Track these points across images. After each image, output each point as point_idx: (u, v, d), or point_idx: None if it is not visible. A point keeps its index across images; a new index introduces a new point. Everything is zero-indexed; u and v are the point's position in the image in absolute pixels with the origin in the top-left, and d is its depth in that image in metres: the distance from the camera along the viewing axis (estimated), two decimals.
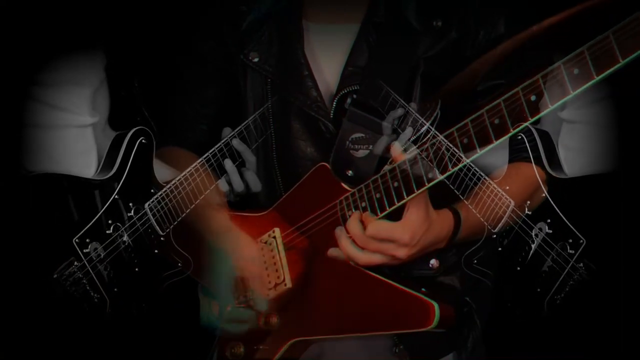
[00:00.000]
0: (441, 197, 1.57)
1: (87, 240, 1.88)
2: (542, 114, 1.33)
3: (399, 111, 1.59)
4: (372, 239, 1.52)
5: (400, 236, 1.51)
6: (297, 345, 1.68)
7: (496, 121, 1.38)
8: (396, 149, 1.51)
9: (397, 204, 1.52)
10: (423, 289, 1.55)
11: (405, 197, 1.51)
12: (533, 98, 1.33)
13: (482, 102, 1.42)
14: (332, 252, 1.60)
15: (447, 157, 1.43)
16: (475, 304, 1.71)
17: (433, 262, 1.67)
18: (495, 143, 1.39)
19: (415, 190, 1.49)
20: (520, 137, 1.65)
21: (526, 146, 1.67)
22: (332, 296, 1.62)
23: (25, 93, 1.87)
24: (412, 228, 1.51)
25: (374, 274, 1.58)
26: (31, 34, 1.83)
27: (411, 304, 1.53)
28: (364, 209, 1.57)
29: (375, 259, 1.54)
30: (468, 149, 1.42)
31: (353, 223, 1.55)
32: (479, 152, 1.41)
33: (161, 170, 1.87)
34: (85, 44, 1.89)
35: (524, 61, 1.62)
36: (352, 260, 1.57)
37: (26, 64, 1.84)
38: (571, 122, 1.71)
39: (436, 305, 1.50)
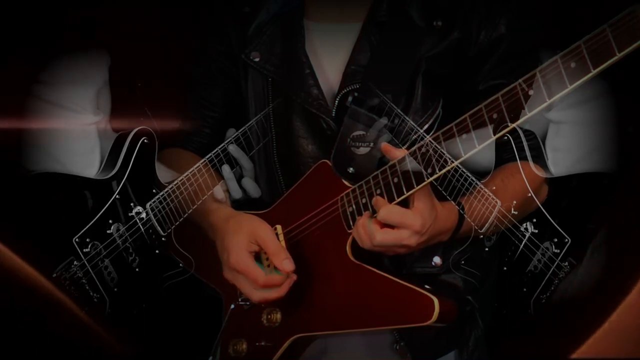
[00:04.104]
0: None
1: (88, 239, 1.88)
2: (540, 107, 1.35)
3: (382, 121, 1.60)
4: (383, 222, 1.50)
5: (412, 222, 1.50)
6: (299, 341, 1.68)
7: (495, 116, 1.39)
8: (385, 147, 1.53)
9: (397, 200, 1.53)
10: (426, 286, 1.55)
11: (405, 192, 1.51)
12: (531, 92, 1.34)
13: (484, 101, 1.43)
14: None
15: (445, 156, 1.44)
16: (477, 303, 1.71)
17: (436, 260, 1.67)
18: (494, 137, 1.40)
19: (415, 186, 1.50)
20: (506, 138, 1.60)
21: (512, 147, 1.66)
22: (333, 292, 1.63)
23: (28, 91, 1.88)
24: (423, 216, 1.51)
25: (375, 270, 1.58)
26: (35, 32, 1.84)
27: (411, 299, 1.53)
28: (365, 205, 1.58)
29: (390, 237, 1.51)
30: (467, 144, 1.43)
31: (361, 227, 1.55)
32: (478, 147, 1.43)
33: (163, 173, 1.88)
34: (90, 43, 1.91)
35: (526, 61, 1.64)
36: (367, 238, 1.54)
37: (30, 63, 1.86)
38: (558, 122, 1.72)
39: (436, 300, 1.50)
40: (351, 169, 1.64)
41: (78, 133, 1.95)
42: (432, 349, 1.69)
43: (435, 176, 1.47)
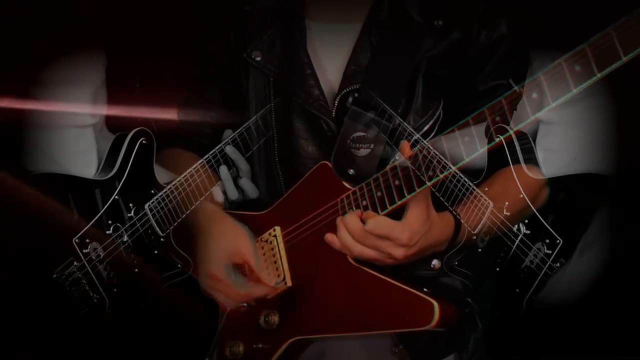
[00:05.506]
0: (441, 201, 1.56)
1: (87, 240, 1.88)
2: (543, 110, 1.34)
3: (382, 122, 1.59)
4: (370, 234, 1.52)
5: (398, 235, 1.50)
6: (297, 344, 1.67)
7: (497, 119, 1.39)
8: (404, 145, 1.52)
9: (399, 203, 1.52)
10: (425, 289, 1.54)
11: (407, 195, 1.50)
12: (534, 95, 1.33)
13: (484, 102, 1.42)
14: (328, 236, 1.60)
15: (443, 160, 1.44)
16: (476, 305, 1.70)
17: (435, 262, 1.66)
18: (497, 140, 1.39)
19: (417, 189, 1.49)
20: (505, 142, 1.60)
21: (514, 150, 1.66)
22: (332, 295, 1.62)
23: (26, 93, 1.87)
24: (412, 228, 1.51)
25: (375, 273, 1.57)
26: (32, 33, 1.84)
27: (411, 303, 1.52)
28: (365, 208, 1.56)
29: (369, 253, 1.54)
30: (469, 147, 1.42)
31: (352, 218, 1.55)
32: (480, 151, 1.42)
33: (162, 174, 1.88)
34: (87, 43, 1.90)
35: (527, 61, 1.63)
36: (345, 249, 1.56)
37: (27, 64, 1.85)
38: (549, 123, 1.72)
39: (436, 304, 1.49)
40: (351, 170, 1.63)
41: (75, 134, 1.95)
42: (432, 352, 1.68)
43: (437, 179, 1.46)
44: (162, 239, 1.85)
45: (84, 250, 1.87)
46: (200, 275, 1.68)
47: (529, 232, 1.71)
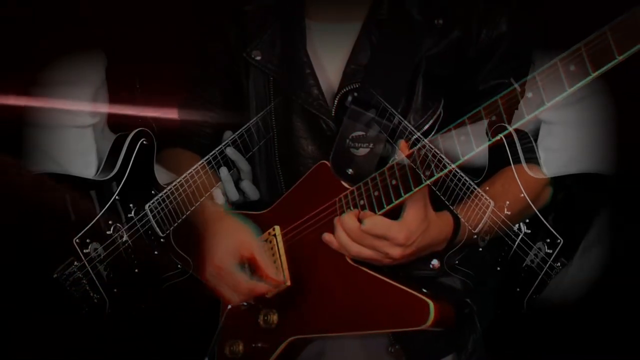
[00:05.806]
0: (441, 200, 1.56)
1: (87, 240, 1.88)
2: (538, 110, 1.34)
3: (382, 121, 1.59)
4: (367, 233, 1.52)
5: (395, 235, 1.50)
6: (296, 343, 1.67)
7: (493, 118, 1.38)
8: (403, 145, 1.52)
9: (396, 202, 1.52)
10: (424, 290, 1.54)
11: (403, 195, 1.50)
12: (530, 95, 1.33)
13: (485, 102, 1.42)
14: (325, 236, 1.60)
15: (443, 160, 1.43)
16: (476, 306, 1.70)
17: (434, 262, 1.66)
18: (492, 140, 1.39)
19: (413, 188, 1.49)
20: (505, 141, 1.58)
21: (515, 150, 1.66)
22: (331, 294, 1.62)
23: (25, 93, 1.88)
24: (409, 228, 1.51)
25: (372, 272, 1.57)
26: (32, 33, 1.84)
27: (408, 303, 1.52)
28: (363, 207, 1.57)
29: (367, 252, 1.54)
30: (465, 146, 1.42)
31: (349, 218, 1.55)
32: (475, 150, 1.42)
33: (163, 174, 1.88)
34: (87, 43, 1.90)
35: (528, 61, 1.63)
36: (343, 249, 1.56)
37: (27, 64, 1.85)
38: (550, 122, 1.71)
39: (431, 304, 1.49)
40: (350, 170, 1.63)
41: (75, 134, 1.95)
42: (430, 352, 1.67)
43: (433, 179, 1.46)
44: (162, 240, 1.85)
45: (84, 250, 1.87)
46: (205, 268, 1.68)
47: (529, 231, 1.71)
